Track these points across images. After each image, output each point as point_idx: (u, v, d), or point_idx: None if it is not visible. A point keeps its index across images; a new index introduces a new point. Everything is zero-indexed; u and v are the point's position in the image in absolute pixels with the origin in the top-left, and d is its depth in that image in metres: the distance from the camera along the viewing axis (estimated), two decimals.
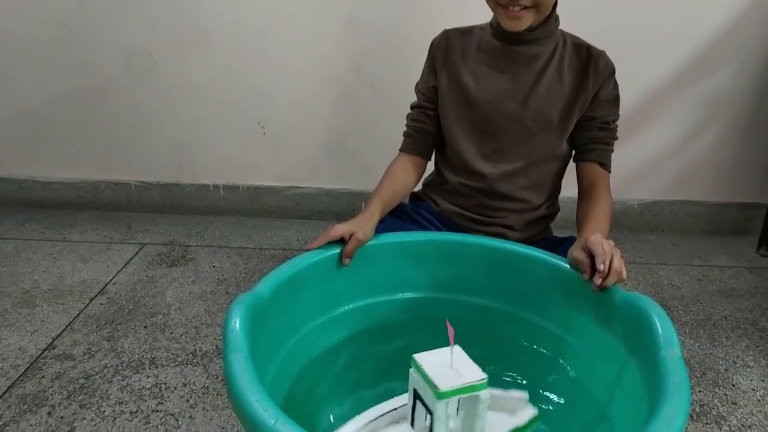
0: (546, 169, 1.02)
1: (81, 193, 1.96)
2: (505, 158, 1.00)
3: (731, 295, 1.54)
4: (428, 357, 0.66)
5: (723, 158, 1.87)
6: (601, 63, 0.96)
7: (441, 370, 0.64)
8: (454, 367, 0.65)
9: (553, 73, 0.96)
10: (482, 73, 0.98)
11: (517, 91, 0.97)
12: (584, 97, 0.96)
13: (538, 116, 0.97)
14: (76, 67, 1.77)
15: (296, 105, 1.81)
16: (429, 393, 0.64)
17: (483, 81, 0.98)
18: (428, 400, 0.65)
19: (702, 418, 1.09)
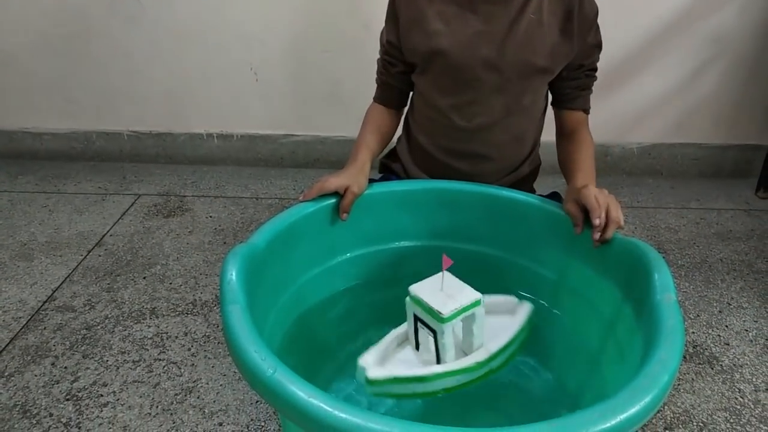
0: (527, 119, 0.95)
1: (73, 144, 1.93)
2: (482, 111, 0.92)
3: (728, 238, 1.55)
4: (423, 286, 0.69)
5: (724, 99, 1.83)
6: (586, 5, 0.87)
7: (438, 297, 0.67)
8: (448, 293, 0.68)
9: (533, 13, 0.87)
10: (451, 14, 0.88)
11: (492, 33, 0.87)
12: (570, 44, 0.88)
13: (517, 62, 0.87)
14: (56, 9, 1.71)
15: (288, 49, 1.76)
16: (432, 319, 0.67)
17: (453, 24, 0.88)
18: (432, 324, 0.68)
19: (695, 359, 1.11)
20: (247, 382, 0.56)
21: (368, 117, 1.01)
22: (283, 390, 0.50)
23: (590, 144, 0.94)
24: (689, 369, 1.08)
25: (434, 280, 0.70)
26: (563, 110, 0.97)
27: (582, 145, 0.93)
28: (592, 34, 0.90)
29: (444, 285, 0.69)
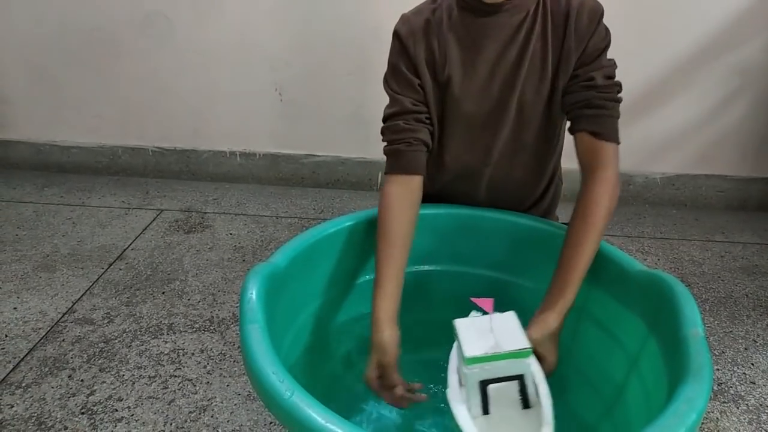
0: (543, 149, 0.88)
1: (99, 158, 1.97)
2: (497, 150, 0.86)
3: (754, 273, 1.51)
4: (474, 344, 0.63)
5: (750, 131, 1.81)
6: (584, 14, 0.78)
7: (476, 335, 0.63)
8: (498, 331, 0.63)
9: (538, 39, 0.80)
10: (463, 59, 0.82)
11: (503, 72, 0.81)
12: (567, 62, 0.79)
13: (527, 95, 0.82)
14: (92, 29, 1.76)
15: (313, 71, 1.79)
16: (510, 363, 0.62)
17: (467, 68, 0.82)
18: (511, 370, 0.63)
19: (720, 397, 1.08)
20: (264, 403, 0.55)
21: (386, 219, 0.80)
22: (301, 414, 0.49)
23: (594, 209, 0.75)
24: (714, 407, 1.05)
25: (469, 329, 0.65)
26: (573, 135, 0.82)
27: (579, 212, 0.76)
28: (592, 42, 0.78)
29: (495, 325, 0.64)
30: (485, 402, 0.64)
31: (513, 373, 0.63)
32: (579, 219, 0.76)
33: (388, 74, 0.87)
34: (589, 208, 0.75)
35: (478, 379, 0.63)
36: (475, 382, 0.63)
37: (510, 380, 0.63)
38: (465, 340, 0.63)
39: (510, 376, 0.63)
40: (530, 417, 0.64)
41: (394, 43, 0.85)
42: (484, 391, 0.63)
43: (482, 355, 0.61)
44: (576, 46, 0.78)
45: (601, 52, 0.79)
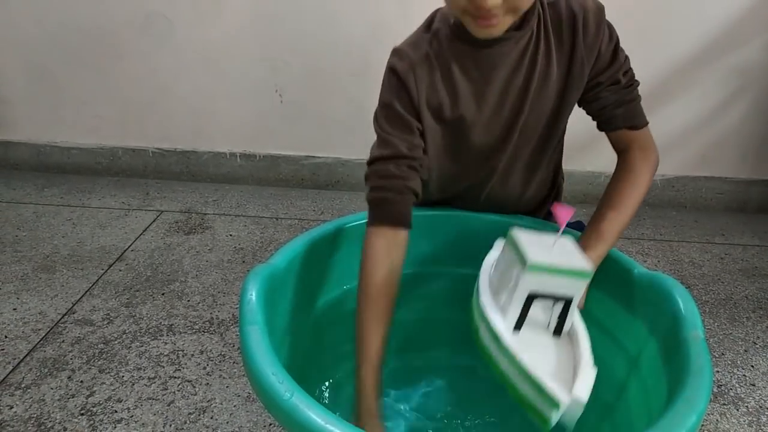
0: (544, 160, 0.87)
1: (99, 159, 1.97)
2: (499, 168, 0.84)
3: (753, 275, 1.51)
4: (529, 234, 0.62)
5: (750, 133, 1.81)
6: (590, 21, 0.74)
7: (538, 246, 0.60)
8: (558, 249, 0.61)
9: (543, 57, 0.75)
10: (473, 93, 0.77)
11: (512, 98, 0.78)
12: (580, 75, 0.76)
13: (531, 121, 0.79)
14: (92, 29, 1.76)
15: (313, 72, 1.79)
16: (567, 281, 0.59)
17: (478, 102, 0.77)
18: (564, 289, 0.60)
19: (719, 399, 1.07)
20: (264, 404, 0.55)
21: (377, 273, 0.73)
22: (300, 415, 0.49)
23: (636, 174, 0.79)
24: (714, 410, 1.05)
25: (529, 240, 0.62)
26: (606, 133, 0.83)
27: (621, 176, 0.79)
28: (603, 45, 0.76)
29: (558, 245, 0.61)
30: (522, 317, 0.62)
31: (564, 293, 0.60)
32: (621, 178, 0.78)
33: (379, 113, 0.78)
34: (634, 173, 0.78)
35: (530, 288, 0.60)
36: (526, 291, 0.60)
37: (557, 300, 0.61)
38: (527, 246, 0.60)
39: (559, 296, 0.60)
40: (561, 347, 0.63)
41: (390, 79, 0.77)
42: (528, 304, 0.61)
43: (548, 264, 0.58)
44: (588, 56, 0.76)
45: (614, 50, 0.77)
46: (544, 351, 0.62)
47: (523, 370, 0.56)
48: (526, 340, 0.62)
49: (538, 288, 0.60)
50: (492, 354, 0.61)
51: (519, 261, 0.60)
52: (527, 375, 0.55)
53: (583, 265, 0.60)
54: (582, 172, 1.85)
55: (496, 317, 0.62)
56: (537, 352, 0.60)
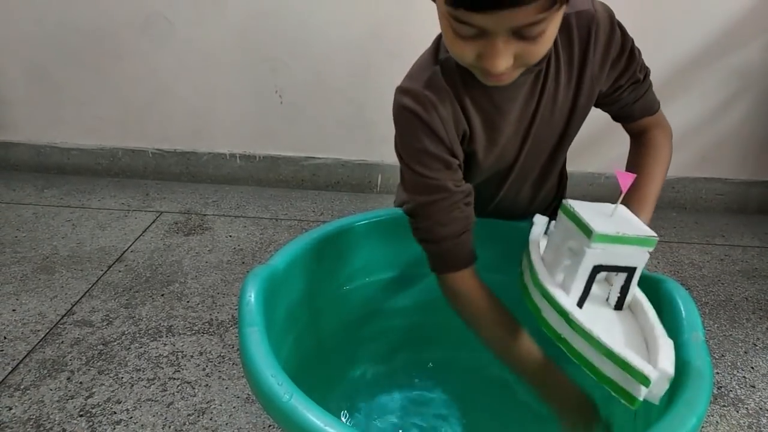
0: (552, 176, 0.87)
1: (99, 160, 1.97)
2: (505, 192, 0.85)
3: (753, 276, 1.51)
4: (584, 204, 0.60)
5: (750, 135, 1.81)
6: (600, 33, 0.71)
7: (601, 218, 0.58)
8: (617, 217, 0.59)
9: (552, 80, 0.73)
10: (485, 127, 0.74)
11: (524, 127, 0.76)
12: (590, 90, 0.75)
13: (539, 142, 0.78)
14: (92, 30, 1.76)
15: (313, 74, 1.79)
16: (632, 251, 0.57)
17: (489, 135, 0.75)
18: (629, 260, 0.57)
19: (719, 401, 1.07)
20: (262, 406, 0.55)
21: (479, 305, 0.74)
22: (299, 417, 0.49)
23: (659, 146, 0.81)
24: (713, 411, 1.05)
25: (588, 210, 0.59)
26: (624, 125, 0.84)
27: (648, 149, 0.80)
28: (616, 49, 0.73)
29: (616, 213, 0.59)
30: (586, 292, 0.59)
31: (629, 263, 0.57)
32: (645, 153, 0.80)
33: (410, 159, 0.71)
34: (655, 144, 0.81)
35: (596, 261, 0.57)
36: (591, 264, 0.57)
37: (622, 271, 0.58)
38: (589, 216, 0.57)
39: (624, 266, 0.58)
40: (625, 321, 0.60)
41: (414, 124, 0.70)
42: (592, 278, 0.58)
43: (614, 234, 0.55)
44: (599, 72, 0.74)
45: (630, 53, 0.74)
46: (611, 326, 0.60)
47: (605, 348, 0.53)
48: (591, 315, 0.58)
49: (604, 260, 0.57)
50: (564, 335, 0.58)
51: (582, 232, 0.57)
52: (610, 353, 0.52)
53: (649, 232, 0.57)
54: (582, 173, 1.85)
55: (560, 294, 0.59)
56: (604, 325, 0.57)
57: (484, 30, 0.56)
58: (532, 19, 0.54)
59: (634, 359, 0.51)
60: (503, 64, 0.59)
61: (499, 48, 0.58)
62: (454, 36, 0.59)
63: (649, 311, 0.60)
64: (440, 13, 0.60)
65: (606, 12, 0.72)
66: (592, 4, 0.72)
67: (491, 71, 0.60)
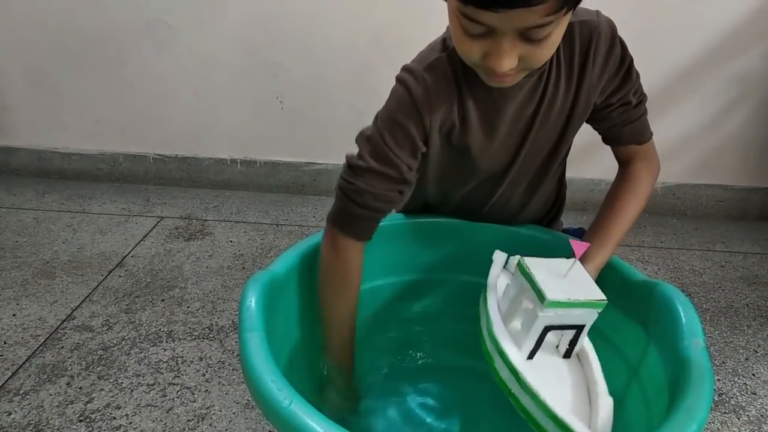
0: (545, 182, 0.87)
1: (100, 165, 1.97)
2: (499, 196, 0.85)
3: (754, 283, 1.51)
4: (539, 262, 0.62)
5: (750, 141, 1.81)
6: (601, 45, 0.72)
7: (554, 280, 0.60)
8: (571, 280, 0.61)
9: (553, 86, 0.74)
10: (482, 122, 0.75)
11: (520, 128, 0.77)
12: (586, 103, 0.76)
13: (535, 147, 0.79)
14: (93, 35, 1.77)
15: (314, 79, 1.79)
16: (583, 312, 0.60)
17: (486, 131, 0.76)
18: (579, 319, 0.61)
19: (720, 408, 1.07)
20: (262, 411, 0.55)
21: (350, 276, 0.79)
22: (299, 422, 0.49)
23: (638, 183, 0.81)
24: (714, 418, 1.04)
25: (542, 271, 0.62)
26: (612, 146, 0.84)
27: (627, 185, 0.81)
28: (613, 65, 0.74)
29: (569, 273, 0.62)
30: (537, 347, 0.62)
31: (579, 322, 0.61)
32: (623, 187, 0.80)
33: (385, 127, 0.74)
34: (635, 179, 0.81)
35: (547, 323, 0.60)
36: (542, 326, 0.60)
37: (570, 329, 0.62)
38: (542, 281, 0.60)
39: (573, 325, 0.61)
40: (572, 369, 0.64)
41: (403, 98, 0.73)
42: (543, 335, 0.61)
43: (565, 300, 0.59)
44: (596, 84, 0.75)
45: (627, 72, 0.75)
46: (557, 375, 0.63)
47: (550, 412, 0.56)
48: (539, 363, 0.62)
49: (556, 321, 0.61)
50: (512, 389, 0.61)
51: (536, 296, 0.60)
52: (554, 417, 0.56)
53: (599, 295, 0.61)
54: (582, 180, 1.86)
55: (512, 350, 0.62)
56: (551, 378, 0.61)
57: (492, 29, 0.58)
58: (540, 21, 0.56)
59: (575, 425, 0.54)
60: (508, 64, 0.60)
61: (505, 48, 0.59)
62: (462, 33, 0.61)
63: (594, 364, 0.64)
64: (450, 9, 0.62)
65: (609, 25, 0.73)
66: (597, 16, 0.73)
67: (496, 70, 0.61)
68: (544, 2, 0.53)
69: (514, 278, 0.66)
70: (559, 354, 0.66)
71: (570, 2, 0.55)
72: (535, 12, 0.54)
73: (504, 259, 0.77)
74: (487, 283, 0.73)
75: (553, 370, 0.64)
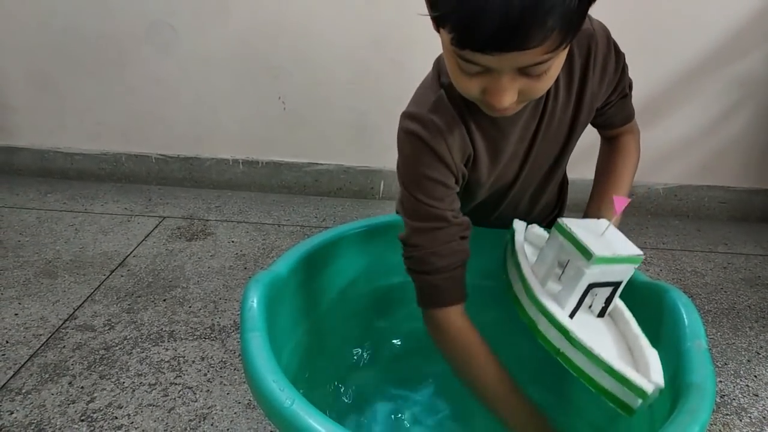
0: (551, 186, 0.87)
1: (102, 165, 1.98)
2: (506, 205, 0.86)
3: (756, 284, 1.51)
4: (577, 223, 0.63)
5: (752, 143, 1.81)
6: (599, 54, 0.72)
7: (594, 237, 0.61)
8: (607, 237, 0.62)
9: (553, 99, 0.74)
10: (488, 149, 0.74)
11: (524, 147, 0.77)
12: (589, 108, 0.76)
13: (539, 158, 0.79)
14: (97, 36, 1.77)
15: (316, 80, 1.79)
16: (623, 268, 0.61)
17: (492, 158, 0.75)
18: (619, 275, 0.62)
19: (722, 409, 1.07)
20: (264, 411, 0.55)
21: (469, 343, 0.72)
22: (301, 422, 0.49)
23: (629, 151, 0.85)
24: (716, 420, 1.04)
25: (583, 230, 0.62)
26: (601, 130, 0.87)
27: (616, 152, 0.85)
28: (611, 69, 0.75)
29: (606, 233, 0.63)
30: (578, 305, 0.63)
31: (618, 279, 0.62)
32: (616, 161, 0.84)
33: (412, 185, 0.70)
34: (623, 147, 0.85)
35: (591, 280, 0.61)
36: (587, 283, 0.61)
37: (609, 286, 0.63)
38: (585, 239, 0.60)
39: (612, 281, 0.62)
40: (610, 327, 0.65)
41: (420, 150, 0.69)
42: (585, 293, 0.62)
43: (610, 255, 0.59)
44: (596, 91, 0.75)
45: (622, 72, 0.77)
46: (598, 332, 0.64)
47: (605, 364, 0.57)
48: (580, 324, 0.62)
49: (599, 278, 0.61)
50: (563, 350, 0.61)
51: (580, 253, 0.61)
52: (610, 369, 0.56)
53: (637, 250, 0.61)
54: (583, 180, 1.84)
55: (558, 312, 0.62)
56: (594, 336, 0.61)
57: (490, 68, 0.57)
58: (538, 59, 0.55)
59: (633, 375, 0.55)
60: (508, 99, 0.59)
61: (504, 85, 0.58)
62: (459, 72, 0.60)
63: (631, 320, 0.64)
64: (445, 48, 0.60)
65: (603, 30, 0.73)
66: (590, 22, 0.72)
67: (496, 107, 0.60)
68: (541, 45, 0.52)
69: (552, 240, 0.66)
70: (593, 314, 0.66)
71: (568, 39, 0.54)
72: (533, 52, 0.53)
73: (524, 228, 0.78)
74: (515, 250, 0.72)
75: (593, 328, 0.65)
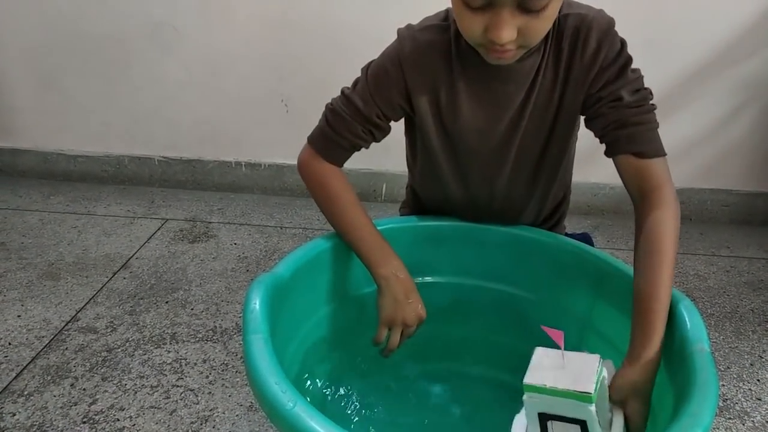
0: (547, 177, 0.86)
1: (105, 167, 1.98)
2: (500, 185, 0.86)
3: (759, 288, 1.50)
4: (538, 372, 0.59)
5: (756, 146, 1.81)
6: (592, 37, 0.72)
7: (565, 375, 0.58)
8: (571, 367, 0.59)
9: (544, 75, 0.75)
10: (471, 96, 0.78)
11: (510, 113, 0.78)
12: (573, 93, 0.76)
13: (528, 137, 0.80)
14: (100, 38, 1.78)
15: (318, 83, 1.79)
16: (576, 405, 0.57)
17: (473, 106, 0.78)
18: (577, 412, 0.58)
19: (725, 413, 1.06)
20: (266, 414, 0.55)
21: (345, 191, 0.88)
22: (303, 425, 0.49)
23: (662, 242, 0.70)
24: (719, 424, 1.04)
25: (544, 359, 0.60)
26: (613, 159, 0.77)
27: (651, 249, 0.69)
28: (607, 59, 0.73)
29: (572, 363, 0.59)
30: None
31: (575, 416, 0.58)
32: (648, 254, 0.68)
33: (373, 68, 0.85)
34: (656, 239, 0.70)
35: (536, 409, 0.60)
36: (534, 411, 0.60)
37: (572, 423, 0.59)
38: (533, 367, 0.59)
39: (572, 418, 0.59)
40: None
41: (393, 50, 0.82)
42: (543, 425, 0.60)
43: (539, 385, 0.57)
44: (584, 76, 0.74)
45: (622, 67, 0.73)
46: None
47: None
48: None
49: (545, 408, 0.59)
50: None
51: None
52: None
53: (582, 388, 0.56)
54: (587, 184, 1.85)
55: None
56: None
57: (492, 1, 0.61)
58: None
59: None
60: (508, 34, 0.63)
61: (505, 18, 0.62)
62: (463, 8, 0.64)
63: None
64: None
65: (605, 19, 0.73)
66: (591, 10, 0.74)
67: (496, 41, 0.63)
68: None
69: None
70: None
71: None
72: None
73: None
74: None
75: None
